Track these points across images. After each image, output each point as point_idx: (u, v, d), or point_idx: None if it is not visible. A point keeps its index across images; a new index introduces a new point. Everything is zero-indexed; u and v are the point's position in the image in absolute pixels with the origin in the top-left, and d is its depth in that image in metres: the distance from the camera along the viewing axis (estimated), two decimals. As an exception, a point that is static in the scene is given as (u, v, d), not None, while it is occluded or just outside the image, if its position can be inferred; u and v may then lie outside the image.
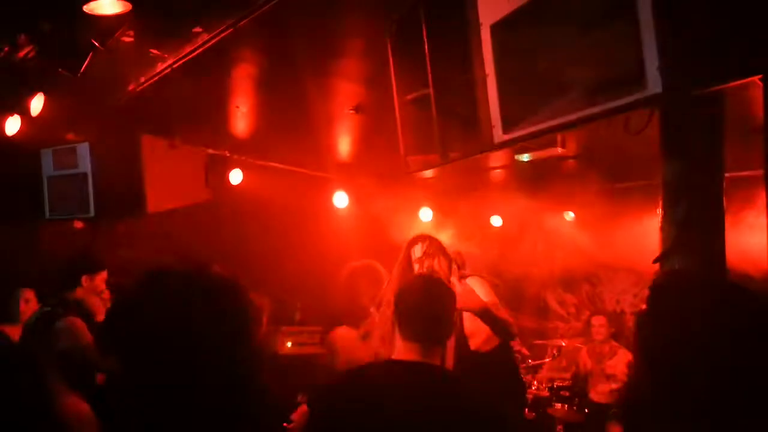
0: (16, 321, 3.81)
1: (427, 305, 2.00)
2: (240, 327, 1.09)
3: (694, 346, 1.03)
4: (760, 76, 1.41)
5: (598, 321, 5.95)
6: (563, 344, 6.50)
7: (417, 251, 3.27)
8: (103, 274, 3.70)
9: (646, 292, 1.15)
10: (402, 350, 1.98)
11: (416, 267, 3.24)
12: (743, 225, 2.91)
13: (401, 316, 2.02)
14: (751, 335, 1.01)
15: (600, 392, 5.63)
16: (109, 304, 3.64)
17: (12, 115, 3.77)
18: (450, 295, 2.09)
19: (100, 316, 3.56)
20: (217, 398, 1.02)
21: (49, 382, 0.88)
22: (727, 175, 1.87)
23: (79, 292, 3.60)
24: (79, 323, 3.39)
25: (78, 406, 0.90)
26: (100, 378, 3.19)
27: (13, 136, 3.79)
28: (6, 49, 3.20)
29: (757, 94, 1.51)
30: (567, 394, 5.72)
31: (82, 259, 3.72)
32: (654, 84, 1.41)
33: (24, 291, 4.02)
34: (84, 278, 3.61)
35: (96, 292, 3.64)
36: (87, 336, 3.36)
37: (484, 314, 3.00)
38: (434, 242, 3.35)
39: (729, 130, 1.88)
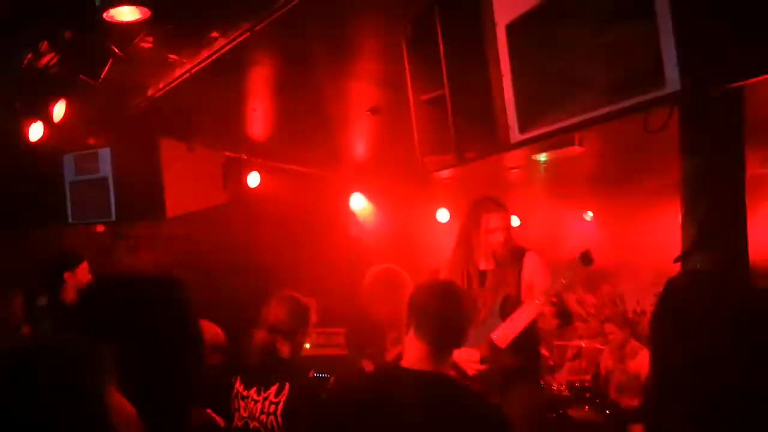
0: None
1: (449, 311, 1.98)
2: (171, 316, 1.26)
3: (706, 347, 1.01)
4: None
5: (609, 329, 6.00)
6: (583, 345, 6.45)
7: (494, 221, 3.18)
8: (84, 265, 3.76)
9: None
10: (412, 349, 1.96)
11: (490, 237, 3.15)
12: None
13: (419, 314, 1.99)
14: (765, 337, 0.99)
15: (623, 392, 5.58)
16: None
17: (35, 121, 3.84)
18: (470, 308, 2.12)
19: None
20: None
21: (100, 382, 0.90)
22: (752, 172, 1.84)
23: (67, 290, 3.67)
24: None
25: (124, 406, 0.92)
26: None
27: (36, 142, 3.86)
28: (29, 56, 3.26)
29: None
30: (588, 395, 5.67)
31: (59, 258, 3.79)
32: (672, 82, 1.39)
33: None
34: (66, 275, 3.68)
35: (81, 284, 3.71)
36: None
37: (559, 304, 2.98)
38: (507, 213, 3.25)
39: (752, 127, 1.86)
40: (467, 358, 3.13)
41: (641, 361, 5.54)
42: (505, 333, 3.07)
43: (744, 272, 1.70)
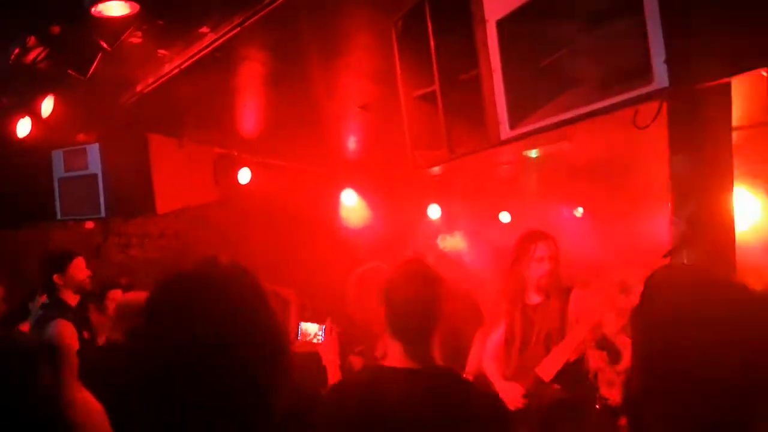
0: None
1: (416, 301, 1.84)
2: (254, 312, 1.11)
3: (686, 340, 1.02)
4: (765, 69, 1.40)
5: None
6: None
7: (540, 250, 3.20)
8: (76, 263, 3.72)
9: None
10: (391, 347, 1.86)
11: (537, 266, 3.17)
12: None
13: (389, 312, 1.87)
14: (744, 334, 1.00)
15: (612, 387, 5.61)
16: (89, 288, 3.73)
17: (23, 117, 3.80)
18: (438, 285, 1.89)
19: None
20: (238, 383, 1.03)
21: (62, 379, 0.89)
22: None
23: (61, 290, 3.65)
24: (67, 327, 3.42)
25: (89, 402, 0.91)
26: None
27: (24, 137, 3.83)
28: (16, 51, 3.23)
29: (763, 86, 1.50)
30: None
31: (48, 260, 3.74)
32: (661, 78, 1.40)
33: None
34: (56, 277, 3.66)
35: (74, 283, 3.68)
36: (70, 338, 3.39)
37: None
38: (555, 243, 3.27)
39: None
40: (511, 393, 3.14)
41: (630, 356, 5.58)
42: (549, 366, 3.08)
43: (730, 269, 1.71)
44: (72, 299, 3.68)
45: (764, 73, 1.39)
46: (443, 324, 1.87)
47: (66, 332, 3.38)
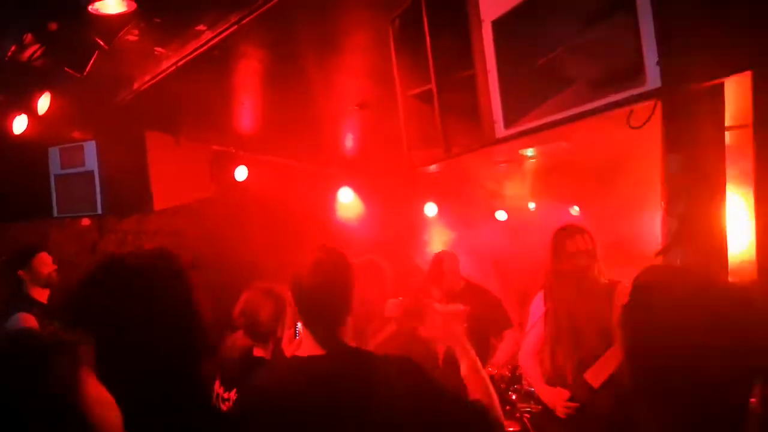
0: None
1: (316, 288, 1.80)
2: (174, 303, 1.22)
3: (672, 341, 1.04)
4: (750, 71, 1.42)
5: None
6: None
7: (575, 244, 3.01)
8: (40, 258, 3.76)
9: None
10: (305, 338, 1.82)
11: (570, 262, 2.99)
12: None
13: (297, 302, 1.85)
14: (730, 332, 1.01)
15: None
16: (57, 282, 3.76)
17: (19, 114, 3.80)
18: (344, 270, 1.85)
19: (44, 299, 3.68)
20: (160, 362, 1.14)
21: (76, 369, 0.90)
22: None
23: (27, 285, 3.69)
24: (29, 320, 3.44)
25: (101, 392, 0.92)
26: None
27: (20, 135, 3.83)
28: (13, 48, 3.23)
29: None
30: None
31: (12, 257, 3.79)
32: (653, 78, 1.42)
33: None
34: (21, 272, 3.70)
35: (39, 278, 3.71)
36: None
37: None
38: (592, 238, 3.07)
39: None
40: (554, 398, 2.99)
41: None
42: (599, 371, 2.86)
43: (722, 267, 1.73)
44: (40, 295, 3.70)
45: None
46: (355, 309, 1.83)
47: (28, 325, 3.39)
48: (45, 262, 3.78)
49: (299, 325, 3.29)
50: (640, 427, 1.10)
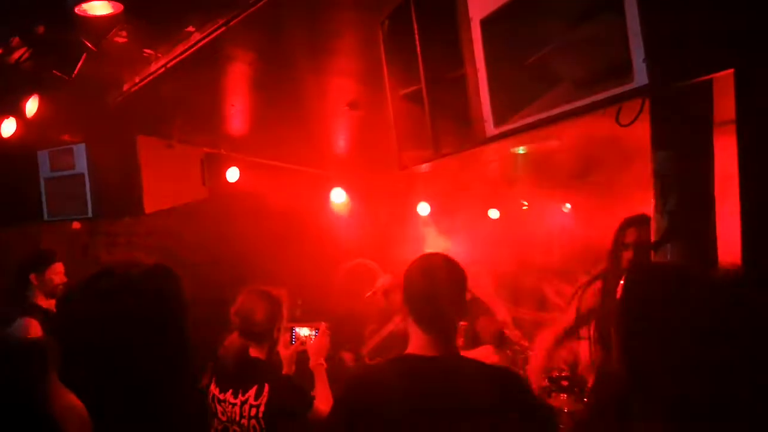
0: None
1: (432, 290, 1.88)
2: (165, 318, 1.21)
3: (662, 338, 1.04)
4: (732, 69, 1.43)
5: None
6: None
7: (628, 235, 3.02)
8: (55, 267, 3.74)
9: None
10: (414, 336, 1.91)
11: (626, 254, 3.01)
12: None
13: (411, 302, 1.92)
14: (722, 330, 1.02)
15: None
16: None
17: (7, 117, 3.78)
18: (457, 272, 1.95)
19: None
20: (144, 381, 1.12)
21: (46, 379, 0.89)
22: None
23: (34, 291, 3.66)
24: (33, 325, 3.41)
25: (73, 403, 0.92)
26: None
27: (8, 138, 3.80)
28: (0, 51, 3.21)
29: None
30: (566, 383, 5.74)
31: (29, 258, 3.76)
32: (640, 76, 1.42)
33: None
34: (32, 276, 3.65)
35: (47, 287, 3.68)
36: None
37: None
38: (649, 230, 3.10)
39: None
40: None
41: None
42: None
43: (712, 263, 1.74)
44: (44, 302, 3.66)
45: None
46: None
47: (32, 330, 3.37)
48: (58, 272, 3.74)
49: (295, 329, 3.29)
50: (637, 425, 1.10)
